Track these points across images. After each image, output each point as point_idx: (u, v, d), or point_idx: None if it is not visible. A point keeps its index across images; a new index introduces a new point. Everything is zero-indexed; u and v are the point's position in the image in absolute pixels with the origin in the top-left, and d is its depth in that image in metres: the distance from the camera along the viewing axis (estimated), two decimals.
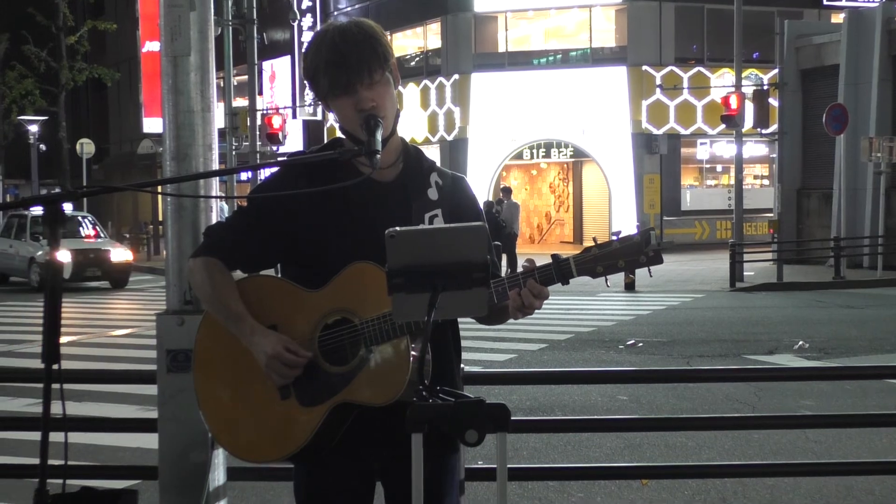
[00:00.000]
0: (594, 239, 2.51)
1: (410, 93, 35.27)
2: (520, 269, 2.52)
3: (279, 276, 2.73)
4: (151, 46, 39.24)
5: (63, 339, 2.27)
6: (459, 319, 2.67)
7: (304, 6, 38.03)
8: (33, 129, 43.15)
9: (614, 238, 2.48)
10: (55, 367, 2.20)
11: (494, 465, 2.18)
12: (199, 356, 2.73)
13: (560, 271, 2.47)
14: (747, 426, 6.50)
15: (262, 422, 2.62)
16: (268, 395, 2.59)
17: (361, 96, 2.61)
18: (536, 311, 2.52)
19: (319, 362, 2.56)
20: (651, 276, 2.56)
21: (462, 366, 2.85)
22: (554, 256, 2.49)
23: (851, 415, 7.00)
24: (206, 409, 2.71)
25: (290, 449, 2.59)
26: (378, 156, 2.49)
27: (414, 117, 34.74)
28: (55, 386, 2.21)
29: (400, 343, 2.49)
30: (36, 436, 2.28)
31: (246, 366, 2.61)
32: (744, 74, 25.65)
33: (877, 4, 27.44)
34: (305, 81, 2.76)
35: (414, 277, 2.18)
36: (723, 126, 25.60)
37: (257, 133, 26.51)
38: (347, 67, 2.59)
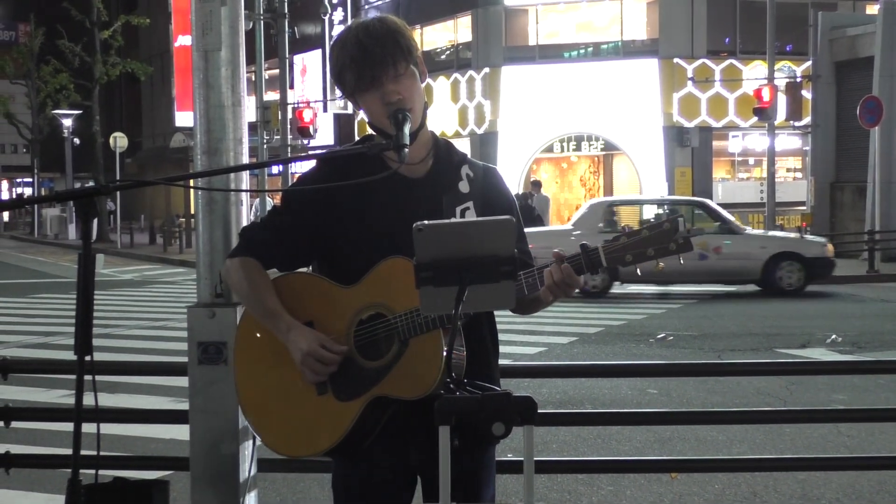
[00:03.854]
0: (622, 227, 2.50)
1: (441, 86, 35.25)
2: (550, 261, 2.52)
3: (313, 272, 2.76)
4: (184, 41, 39.44)
5: (95, 332, 2.29)
6: (496, 312, 2.68)
7: (334, 0, 38.09)
8: (67, 123, 43.63)
9: (643, 226, 2.48)
10: (87, 358, 2.23)
11: (522, 458, 2.18)
12: (239, 353, 2.78)
13: (589, 260, 2.47)
14: (779, 420, 6.46)
15: (299, 417, 2.65)
16: (305, 390, 2.62)
17: (387, 90, 2.62)
18: (567, 297, 2.53)
19: (355, 357, 2.58)
20: (681, 262, 2.55)
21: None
22: (583, 246, 2.49)
23: (885, 409, 6.93)
24: (246, 405, 2.76)
25: (327, 443, 2.61)
26: (406, 150, 2.50)
27: (444, 111, 34.72)
28: (88, 377, 2.23)
29: (434, 336, 2.50)
30: (69, 427, 2.31)
31: (284, 362, 2.64)
32: (777, 67, 25.47)
33: None
34: (332, 80, 2.78)
35: (442, 271, 2.19)
36: (755, 119, 25.48)
37: (288, 127, 26.61)
38: (372, 61, 2.61)
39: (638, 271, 2.54)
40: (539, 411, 2.21)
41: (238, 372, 2.77)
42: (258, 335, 2.71)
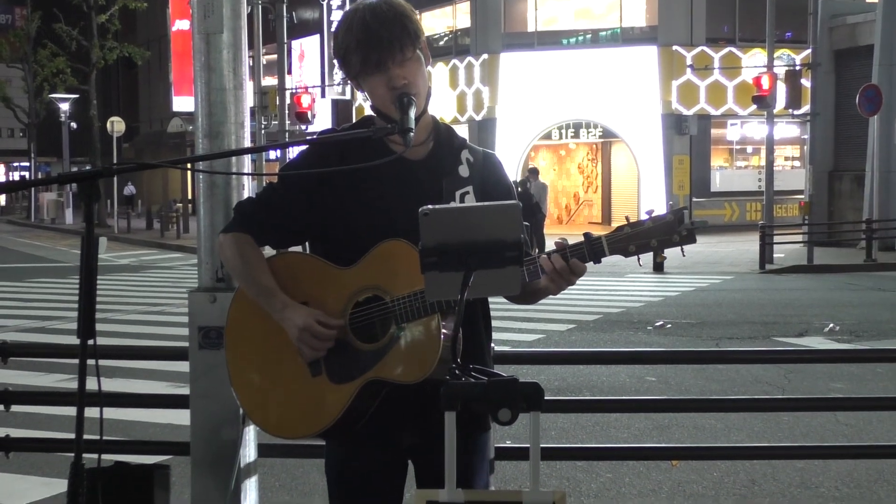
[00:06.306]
0: (626, 218, 2.49)
1: (439, 72, 35.18)
2: (551, 249, 2.51)
3: (309, 253, 2.73)
4: (181, 25, 39.38)
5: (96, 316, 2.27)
6: (490, 299, 2.66)
7: None
8: (64, 107, 43.50)
9: (647, 217, 2.46)
10: (91, 342, 2.21)
11: (523, 445, 2.17)
12: (232, 333, 2.73)
13: (592, 250, 2.45)
14: (777, 408, 6.47)
15: (292, 398, 2.62)
16: (299, 371, 2.60)
17: (393, 74, 2.59)
18: (570, 286, 2.52)
19: (350, 339, 2.55)
20: (684, 255, 2.53)
21: (492, 345, 2.85)
22: (586, 235, 2.47)
23: (882, 398, 6.94)
24: (238, 386, 2.72)
25: (320, 426, 2.59)
26: (412, 133, 2.47)
27: (443, 97, 34.65)
28: (90, 361, 2.21)
29: (431, 321, 2.48)
30: (71, 411, 2.29)
31: (277, 342, 2.61)
32: (776, 55, 25.37)
33: None
34: (335, 61, 2.74)
35: (447, 256, 2.17)
36: (754, 107, 25.39)
37: (286, 112, 26.56)
38: (379, 45, 2.57)
39: (639, 261, 2.53)
40: None
41: (229, 352, 2.72)
42: (251, 315, 2.67)
